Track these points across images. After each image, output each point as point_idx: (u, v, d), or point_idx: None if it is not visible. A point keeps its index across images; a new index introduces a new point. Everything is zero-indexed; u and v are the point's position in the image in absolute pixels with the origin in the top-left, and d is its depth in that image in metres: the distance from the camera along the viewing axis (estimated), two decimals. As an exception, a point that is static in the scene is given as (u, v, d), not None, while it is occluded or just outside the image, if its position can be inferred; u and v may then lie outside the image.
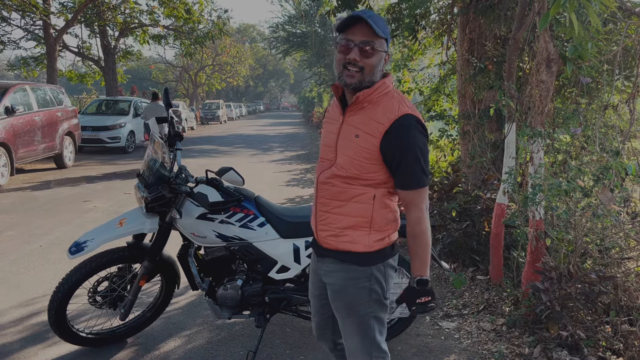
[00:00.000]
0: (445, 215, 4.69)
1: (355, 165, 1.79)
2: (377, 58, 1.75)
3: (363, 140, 1.77)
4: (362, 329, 1.93)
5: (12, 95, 9.63)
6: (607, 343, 3.03)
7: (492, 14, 4.86)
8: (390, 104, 1.77)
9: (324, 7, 9.99)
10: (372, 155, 1.76)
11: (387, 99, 1.79)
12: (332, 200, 1.87)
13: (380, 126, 1.74)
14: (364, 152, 1.77)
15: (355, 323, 1.93)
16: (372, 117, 1.77)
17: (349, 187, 1.82)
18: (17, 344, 3.29)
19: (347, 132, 1.82)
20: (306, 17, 29.48)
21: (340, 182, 1.83)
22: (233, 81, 46.84)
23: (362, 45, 1.72)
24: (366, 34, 1.72)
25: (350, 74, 1.75)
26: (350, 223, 1.86)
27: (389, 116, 1.74)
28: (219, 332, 3.50)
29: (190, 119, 26.01)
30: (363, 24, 1.72)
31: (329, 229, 1.90)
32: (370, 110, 1.78)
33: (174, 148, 3.05)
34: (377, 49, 1.74)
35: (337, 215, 1.87)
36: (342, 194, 1.84)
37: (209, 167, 3.34)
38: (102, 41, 19.24)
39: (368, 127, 1.76)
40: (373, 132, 1.75)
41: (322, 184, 1.89)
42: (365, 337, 1.94)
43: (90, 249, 2.90)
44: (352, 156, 1.79)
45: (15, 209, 7.06)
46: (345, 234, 1.87)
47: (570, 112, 3.94)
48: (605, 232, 3.22)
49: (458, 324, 3.64)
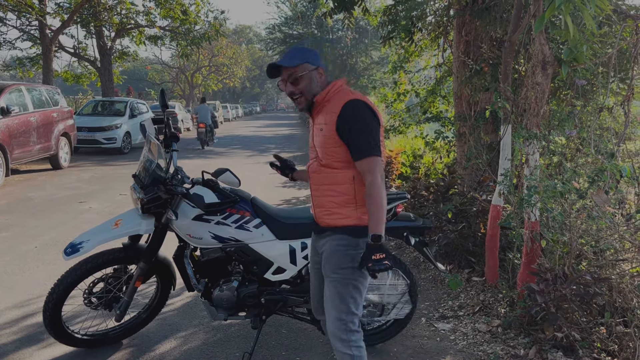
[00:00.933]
0: (441, 217, 4.70)
1: (326, 152, 2.19)
2: (306, 80, 2.19)
3: (325, 130, 2.16)
4: (342, 295, 2.21)
5: (8, 95, 9.60)
6: (602, 344, 3.04)
7: (488, 17, 4.87)
8: (341, 96, 2.18)
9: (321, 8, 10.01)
10: (333, 139, 2.14)
11: (339, 94, 2.20)
12: (321, 185, 2.26)
13: (334, 114, 2.13)
14: (327, 139, 2.16)
15: (337, 287, 2.22)
16: (329, 110, 2.17)
17: (330, 171, 2.20)
18: (12, 345, 3.28)
19: (316, 131, 2.24)
20: (302, 18, 29.53)
21: (324, 169, 2.22)
22: (229, 82, 46.83)
23: (288, 79, 2.19)
24: (285, 71, 2.20)
25: (298, 101, 2.22)
26: (339, 202, 2.21)
27: (339, 104, 2.14)
28: (214, 333, 3.50)
29: (186, 120, 25.98)
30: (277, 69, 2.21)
31: (323, 209, 2.27)
32: (327, 107, 2.20)
33: (170, 149, 3.04)
34: (301, 74, 2.17)
35: (327, 197, 2.24)
36: (327, 178, 2.22)
37: (205, 168, 3.34)
38: (98, 42, 19.19)
39: (326, 118, 2.17)
40: (330, 121, 2.14)
41: (312, 173, 2.30)
42: (343, 302, 2.21)
43: (85, 250, 2.90)
44: (322, 145, 2.19)
45: (11, 209, 7.04)
46: (337, 212, 2.22)
47: (565, 114, 3.95)
48: (600, 234, 3.23)
49: (454, 325, 3.65)
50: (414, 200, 5.52)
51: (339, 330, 2.21)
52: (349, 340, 2.21)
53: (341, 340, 2.21)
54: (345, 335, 2.21)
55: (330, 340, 2.26)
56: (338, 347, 2.22)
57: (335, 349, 2.24)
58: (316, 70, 2.21)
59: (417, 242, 3.19)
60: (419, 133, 7.71)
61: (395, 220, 3.07)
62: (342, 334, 2.21)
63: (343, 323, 2.21)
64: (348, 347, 2.21)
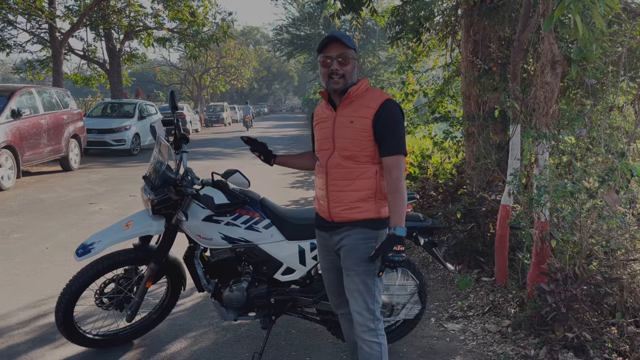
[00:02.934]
0: (450, 217, 4.69)
1: (354, 144, 2.23)
2: (351, 65, 2.25)
3: (358, 123, 2.23)
4: (368, 285, 2.27)
5: (18, 98, 9.69)
6: (613, 345, 3.02)
7: (497, 16, 4.86)
8: (375, 94, 2.28)
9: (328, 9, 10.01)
10: (366, 133, 2.22)
11: (371, 92, 2.29)
12: (342, 180, 2.27)
13: (371, 110, 2.22)
14: (360, 132, 2.22)
15: (363, 279, 2.27)
16: (362, 105, 2.25)
17: (355, 166, 2.25)
18: (25, 345, 3.31)
19: (341, 122, 2.28)
20: (310, 19, 29.53)
21: (347, 163, 2.26)
22: (237, 83, 46.93)
23: (340, 57, 2.22)
24: (340, 49, 2.22)
25: (335, 81, 2.24)
26: (360, 196, 2.26)
27: (376, 101, 2.23)
28: (224, 333, 3.51)
29: (194, 121, 26.08)
30: (336, 42, 2.22)
31: (342, 204, 2.28)
32: (359, 101, 2.26)
33: (179, 150, 3.06)
34: (350, 58, 2.24)
35: (347, 192, 2.27)
36: (350, 173, 2.26)
37: (214, 169, 3.36)
38: (107, 44, 19.30)
39: (361, 112, 2.23)
40: (365, 115, 2.22)
41: (332, 168, 2.29)
42: (370, 293, 2.28)
43: (97, 251, 2.92)
44: (351, 137, 2.23)
45: (22, 211, 7.11)
46: (358, 206, 2.26)
47: (575, 113, 3.93)
48: (610, 234, 3.21)
49: (463, 325, 3.64)
50: (422, 201, 5.51)
51: (369, 320, 2.28)
52: (376, 329, 2.29)
53: (369, 329, 2.28)
54: (373, 324, 2.28)
55: (357, 332, 2.30)
56: (366, 337, 2.28)
57: (363, 340, 2.28)
58: (357, 61, 2.31)
59: (426, 242, 3.19)
60: (427, 133, 7.70)
61: (404, 220, 3.07)
62: (371, 323, 2.28)
63: (371, 312, 2.28)
64: (376, 335, 2.28)
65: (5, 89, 9.95)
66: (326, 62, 2.24)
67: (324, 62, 2.25)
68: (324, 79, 2.29)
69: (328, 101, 2.37)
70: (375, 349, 2.27)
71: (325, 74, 2.26)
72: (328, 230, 2.40)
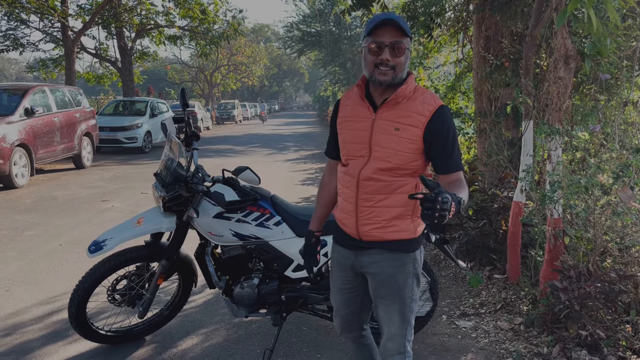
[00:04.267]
0: (461, 214, 4.66)
1: (398, 156, 1.88)
2: (405, 56, 1.87)
3: (405, 131, 1.87)
4: (404, 313, 2.04)
5: (32, 96, 9.79)
6: (627, 342, 2.99)
7: (509, 11, 4.81)
8: (426, 97, 1.91)
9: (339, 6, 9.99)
10: (415, 144, 1.87)
11: (420, 94, 1.91)
12: (376, 195, 1.94)
13: (422, 117, 1.86)
14: (406, 142, 1.87)
15: (399, 308, 2.03)
16: (411, 110, 1.88)
17: (393, 179, 1.91)
18: (38, 341, 3.34)
19: (383, 127, 1.91)
20: (320, 16, 29.46)
21: (385, 176, 1.91)
22: (248, 81, 47.05)
23: (393, 46, 1.83)
24: (395, 35, 1.82)
25: (382, 72, 1.84)
26: (396, 213, 1.94)
27: (428, 108, 1.87)
28: (236, 330, 3.52)
29: (205, 119, 26.19)
30: (390, 25, 1.82)
31: (374, 222, 1.96)
32: (408, 105, 1.89)
33: (190, 148, 3.07)
34: (406, 48, 1.85)
35: (383, 208, 1.94)
36: (387, 187, 1.92)
37: (225, 166, 3.36)
38: (119, 42, 19.42)
39: (409, 120, 1.87)
40: (415, 124, 1.87)
41: (365, 180, 1.94)
42: (404, 319, 2.04)
43: (109, 247, 2.94)
44: (395, 148, 1.88)
45: (36, 208, 7.18)
46: (393, 225, 1.94)
47: (588, 109, 3.89)
48: (625, 230, 3.17)
49: (475, 323, 3.62)
50: (434, 198, 5.48)
51: (401, 346, 2.08)
52: (406, 352, 2.09)
53: (400, 353, 2.08)
54: (404, 348, 2.08)
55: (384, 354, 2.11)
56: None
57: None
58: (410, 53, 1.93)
59: (437, 239, 3.17)
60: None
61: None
62: (402, 347, 2.08)
63: (404, 338, 2.07)
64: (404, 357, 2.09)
65: (19, 88, 10.07)
66: (376, 48, 1.84)
67: (372, 49, 1.85)
68: (368, 68, 1.88)
69: (365, 97, 1.97)
70: None
71: (371, 63, 1.86)
72: (353, 249, 2.08)
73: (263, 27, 66.09)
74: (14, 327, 3.54)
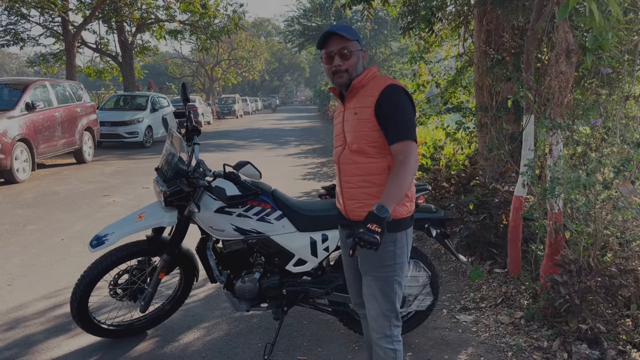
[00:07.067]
0: (462, 208, 4.66)
1: (360, 137, 2.11)
2: (355, 57, 2.14)
3: (361, 113, 2.11)
4: (386, 292, 2.18)
5: (33, 91, 9.78)
6: (627, 336, 3.00)
7: (510, 5, 4.79)
8: (378, 81, 2.13)
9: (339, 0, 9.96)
10: (370, 123, 2.08)
11: (375, 80, 2.15)
12: (353, 176, 2.16)
13: (373, 97, 2.08)
14: (363, 122, 2.10)
15: (380, 285, 2.17)
16: (365, 94, 2.12)
17: (363, 161, 2.12)
18: (41, 335, 3.36)
19: (348, 115, 2.18)
20: (321, 10, 29.39)
21: (356, 157, 2.13)
22: (249, 75, 46.95)
23: (340, 52, 2.11)
24: (340, 42, 2.11)
25: (339, 76, 2.14)
26: (372, 192, 2.12)
27: (378, 88, 2.09)
28: (237, 324, 3.54)
29: (206, 113, 26.16)
30: (335, 35, 2.11)
31: (356, 202, 2.17)
32: (363, 91, 2.14)
33: (191, 142, 3.07)
34: (352, 50, 2.13)
35: (360, 188, 2.15)
36: (360, 168, 2.13)
37: (226, 161, 3.37)
38: (120, 37, 19.41)
39: (363, 102, 2.11)
40: (367, 104, 2.09)
41: (343, 164, 2.20)
42: (387, 300, 2.18)
43: (110, 242, 2.95)
44: (356, 129, 2.12)
45: (37, 203, 7.19)
46: (371, 204, 2.05)
47: (590, 103, 3.88)
48: (626, 225, 3.17)
49: (475, 317, 3.63)
50: (435, 192, 5.49)
51: (384, 327, 2.20)
52: (392, 336, 2.21)
53: (385, 336, 2.20)
54: (389, 331, 2.20)
55: (373, 337, 2.24)
56: (382, 344, 2.21)
57: (378, 345, 2.22)
58: (361, 52, 2.18)
59: (438, 233, 3.18)
60: (439, 124, 7.64)
61: (416, 212, 3.05)
62: (387, 330, 2.20)
63: (388, 320, 2.20)
64: (391, 342, 2.21)
65: (20, 83, 10.06)
66: (328, 58, 2.14)
67: (325, 59, 2.16)
68: (328, 76, 2.18)
69: (339, 96, 2.26)
70: (390, 355, 2.21)
71: (329, 71, 2.16)
72: (346, 228, 2.32)
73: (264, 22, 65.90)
74: (16, 321, 3.56)
